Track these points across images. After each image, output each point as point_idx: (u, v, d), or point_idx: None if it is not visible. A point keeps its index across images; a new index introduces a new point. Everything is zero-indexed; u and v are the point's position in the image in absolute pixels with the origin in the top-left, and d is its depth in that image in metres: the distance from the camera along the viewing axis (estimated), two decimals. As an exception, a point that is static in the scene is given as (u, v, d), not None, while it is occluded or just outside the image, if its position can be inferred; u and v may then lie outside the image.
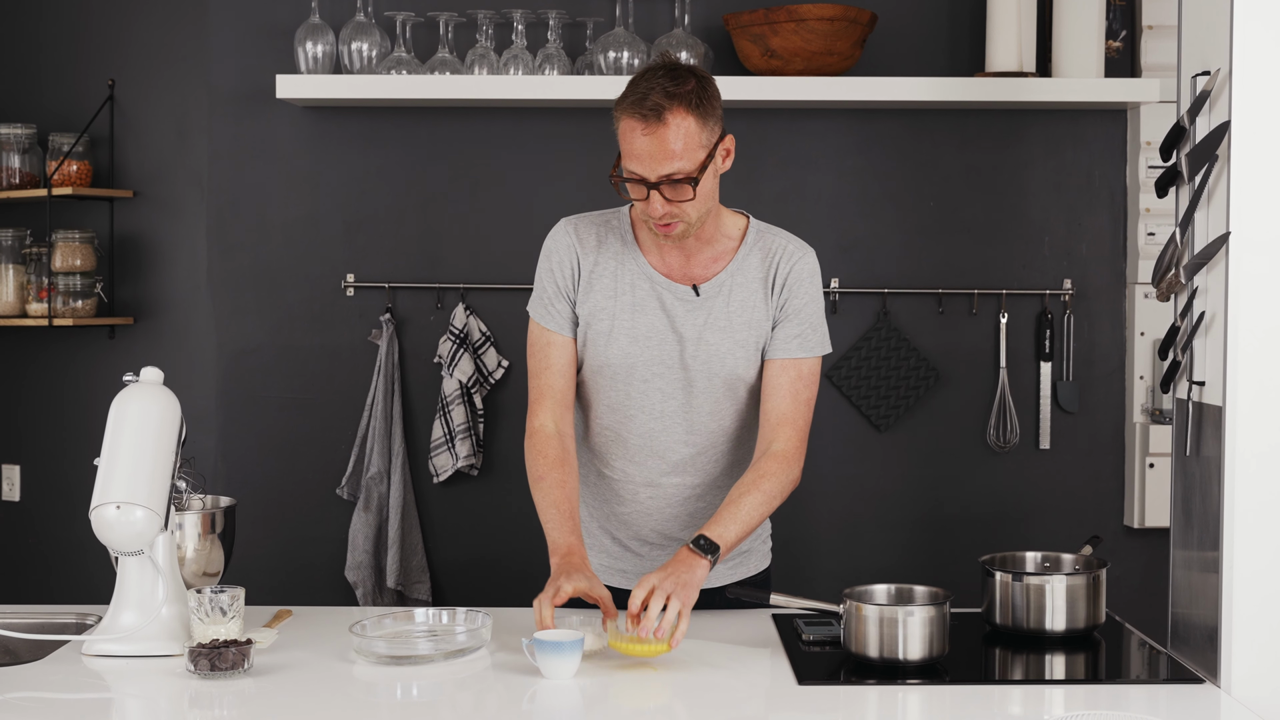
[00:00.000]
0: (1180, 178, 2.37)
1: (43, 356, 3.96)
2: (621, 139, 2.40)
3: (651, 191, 2.39)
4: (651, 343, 2.54)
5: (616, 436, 2.61)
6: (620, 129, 2.40)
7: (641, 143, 2.36)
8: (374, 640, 2.32)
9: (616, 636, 2.29)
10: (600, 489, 2.68)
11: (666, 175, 2.37)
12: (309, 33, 3.67)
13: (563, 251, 2.57)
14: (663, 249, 2.55)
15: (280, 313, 3.84)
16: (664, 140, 2.35)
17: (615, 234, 2.58)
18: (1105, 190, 3.78)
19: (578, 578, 2.34)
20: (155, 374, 2.45)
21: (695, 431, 2.58)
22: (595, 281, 2.55)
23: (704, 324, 2.53)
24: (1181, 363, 2.38)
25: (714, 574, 2.65)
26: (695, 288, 2.54)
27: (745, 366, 2.55)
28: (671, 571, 2.32)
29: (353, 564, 3.76)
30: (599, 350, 2.55)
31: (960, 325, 3.79)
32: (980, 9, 3.73)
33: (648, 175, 2.38)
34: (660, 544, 2.66)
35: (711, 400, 2.57)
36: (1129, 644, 2.49)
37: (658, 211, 2.40)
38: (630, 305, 2.54)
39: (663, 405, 2.56)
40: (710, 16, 3.74)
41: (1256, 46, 2.19)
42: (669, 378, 2.55)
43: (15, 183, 3.83)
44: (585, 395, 2.64)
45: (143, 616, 2.33)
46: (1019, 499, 3.80)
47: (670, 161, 2.36)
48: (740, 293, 2.55)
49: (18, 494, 4.00)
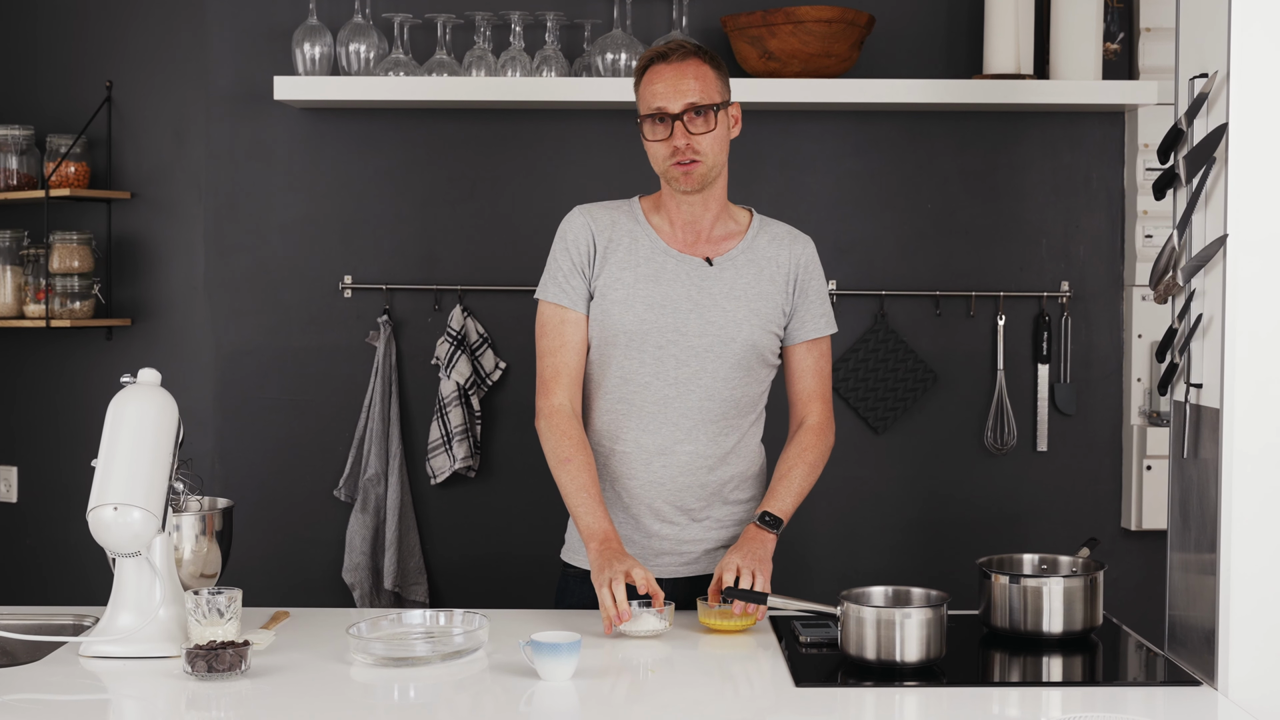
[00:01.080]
0: (1178, 180, 2.37)
1: (40, 358, 3.96)
2: (643, 91, 2.64)
3: (675, 124, 2.59)
4: (666, 310, 2.66)
5: (630, 407, 2.69)
6: (642, 84, 2.64)
7: (666, 75, 2.60)
8: (371, 642, 2.32)
9: (707, 614, 2.50)
10: (609, 469, 2.73)
11: (690, 104, 2.59)
12: (307, 34, 3.67)
13: (578, 230, 2.72)
14: (675, 225, 2.71)
15: (278, 314, 3.84)
16: (685, 71, 2.60)
17: (627, 216, 2.74)
18: (1103, 192, 3.78)
19: (632, 563, 2.48)
20: (153, 375, 2.45)
21: (710, 399, 2.68)
22: (611, 255, 2.69)
23: (719, 293, 2.68)
24: (1179, 365, 2.38)
25: (712, 560, 2.75)
26: (709, 260, 2.70)
27: (759, 335, 2.69)
28: (748, 550, 2.56)
29: (350, 565, 3.76)
30: (615, 318, 2.67)
31: (958, 327, 3.80)
32: (978, 11, 3.73)
33: (671, 106, 2.59)
34: (673, 520, 2.71)
35: (725, 368, 2.68)
36: (1126, 646, 2.50)
37: (682, 143, 2.59)
38: (647, 276, 2.68)
39: (677, 372, 2.67)
40: (708, 18, 3.74)
41: (1254, 49, 2.19)
42: (683, 345, 2.66)
43: (13, 184, 3.83)
44: (595, 373, 2.72)
45: (140, 618, 2.33)
46: (1016, 501, 3.81)
47: (692, 90, 2.59)
48: (751, 269, 2.71)
49: (15, 495, 4.00)
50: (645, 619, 2.45)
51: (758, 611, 2.49)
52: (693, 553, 2.73)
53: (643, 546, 2.71)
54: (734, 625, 2.49)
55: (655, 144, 2.62)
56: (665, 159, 2.62)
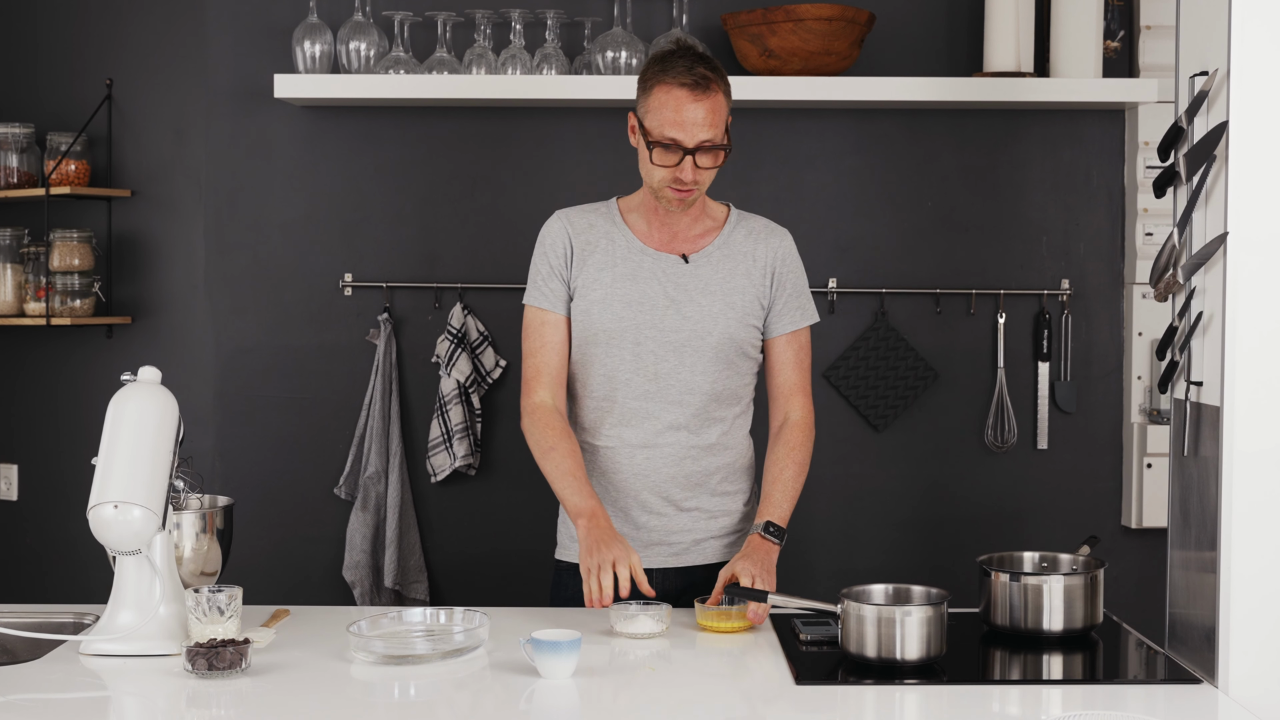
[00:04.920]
0: (1178, 178, 2.37)
1: (40, 356, 3.96)
2: (658, 108, 2.60)
3: (686, 158, 2.60)
4: (644, 307, 2.70)
5: (613, 403, 2.74)
6: (656, 98, 2.61)
7: (691, 110, 2.58)
8: (372, 640, 2.32)
9: (704, 615, 2.51)
10: (595, 464, 2.77)
11: (704, 141, 2.59)
12: (307, 32, 3.67)
13: (555, 235, 2.77)
14: (651, 225, 2.75)
15: (278, 312, 3.84)
16: (709, 109, 2.59)
17: (603, 218, 2.78)
18: (1103, 190, 3.78)
19: (621, 549, 2.50)
20: (153, 373, 2.45)
21: (691, 392, 2.72)
22: (589, 256, 2.73)
23: (694, 288, 2.71)
24: (1179, 363, 2.38)
25: (702, 551, 2.78)
26: (684, 257, 2.73)
27: (736, 328, 2.72)
28: (753, 559, 2.57)
29: (350, 563, 3.76)
30: (595, 317, 2.71)
31: (958, 325, 3.80)
32: (978, 9, 3.73)
33: (687, 142, 2.59)
34: (660, 511, 2.74)
35: (704, 361, 2.71)
36: (1126, 644, 2.50)
37: (689, 177, 2.61)
38: (624, 275, 2.72)
39: (656, 367, 2.71)
40: (708, 16, 3.74)
41: (1254, 47, 2.19)
42: (660, 340, 2.71)
43: (13, 182, 3.83)
44: (579, 372, 2.77)
45: (140, 616, 2.33)
46: (1016, 499, 3.81)
47: (709, 129, 2.59)
48: (727, 264, 2.74)
49: (15, 493, 4.00)
50: (642, 621, 2.45)
51: (760, 615, 2.48)
52: (681, 543, 2.76)
53: (631, 539, 2.74)
54: (731, 626, 2.50)
55: (657, 167, 2.63)
56: (664, 182, 2.64)
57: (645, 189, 2.73)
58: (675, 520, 2.75)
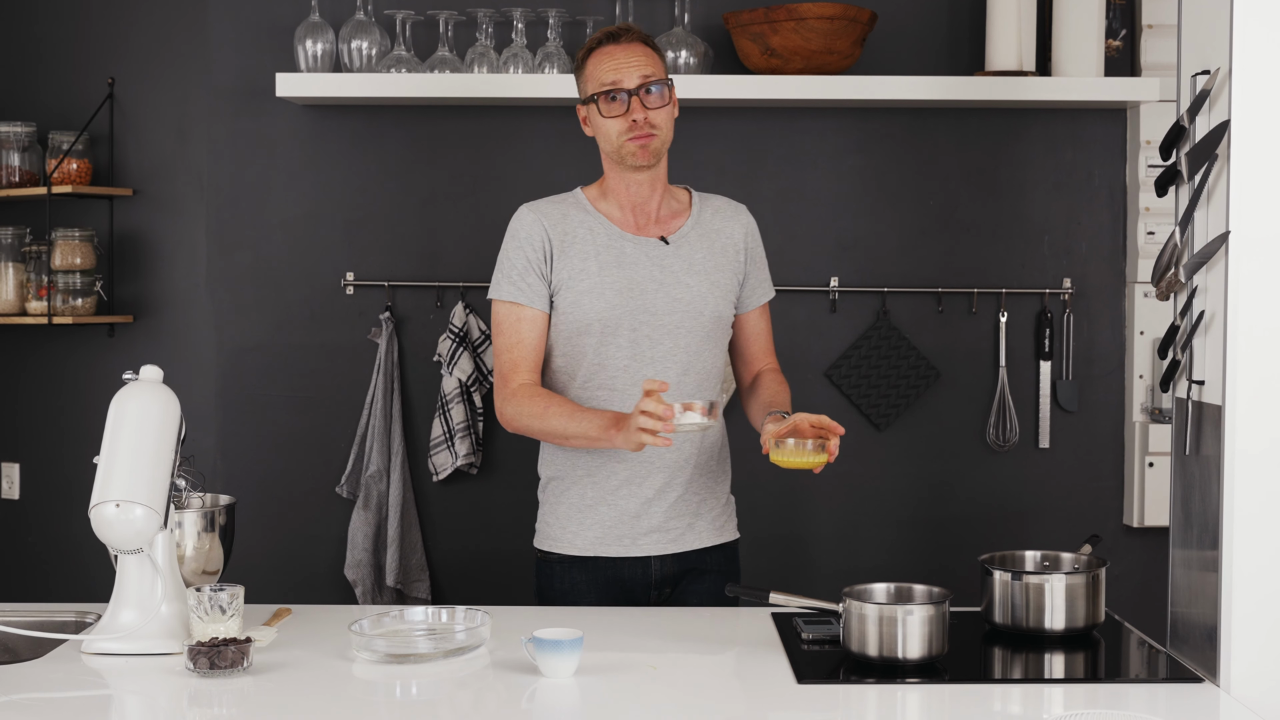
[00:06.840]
0: (1180, 177, 2.37)
1: (42, 354, 3.96)
2: (593, 70, 2.67)
3: (632, 99, 2.63)
4: (634, 292, 2.70)
5: (609, 393, 2.71)
6: (590, 65, 2.68)
7: (618, 54, 2.65)
8: (373, 639, 2.32)
9: (782, 452, 2.57)
10: (591, 455, 2.73)
11: (645, 78, 2.64)
12: (309, 31, 3.67)
13: (530, 228, 2.74)
14: (624, 209, 2.74)
15: (280, 311, 3.84)
16: (635, 49, 2.66)
17: (575, 207, 2.77)
18: (1105, 189, 3.78)
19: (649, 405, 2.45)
20: (155, 372, 2.45)
21: (686, 373, 2.73)
22: (569, 247, 2.71)
23: (679, 269, 2.73)
24: (1181, 362, 2.38)
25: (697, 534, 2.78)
26: (664, 239, 2.74)
27: (722, 306, 2.76)
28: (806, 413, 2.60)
29: (352, 562, 3.76)
30: (587, 307, 2.69)
31: (960, 324, 3.80)
32: (980, 8, 3.73)
33: (626, 81, 2.64)
34: (655, 496, 2.74)
35: (696, 341, 2.73)
36: (1128, 643, 2.50)
37: (639, 116, 2.63)
38: (609, 262, 2.71)
39: (651, 351, 2.70)
40: (710, 15, 3.74)
41: (1256, 45, 2.19)
42: (654, 324, 2.70)
43: (15, 181, 3.83)
44: (566, 366, 2.74)
45: (142, 615, 2.33)
46: (1018, 498, 3.80)
47: (644, 67, 2.64)
48: (704, 243, 2.77)
49: (17, 492, 4.00)
50: (689, 416, 2.47)
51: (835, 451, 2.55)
52: (676, 528, 2.76)
53: (630, 528, 2.73)
54: (810, 461, 2.56)
55: (610, 120, 2.66)
56: (621, 134, 2.66)
57: (609, 164, 2.73)
58: (671, 505, 2.74)
